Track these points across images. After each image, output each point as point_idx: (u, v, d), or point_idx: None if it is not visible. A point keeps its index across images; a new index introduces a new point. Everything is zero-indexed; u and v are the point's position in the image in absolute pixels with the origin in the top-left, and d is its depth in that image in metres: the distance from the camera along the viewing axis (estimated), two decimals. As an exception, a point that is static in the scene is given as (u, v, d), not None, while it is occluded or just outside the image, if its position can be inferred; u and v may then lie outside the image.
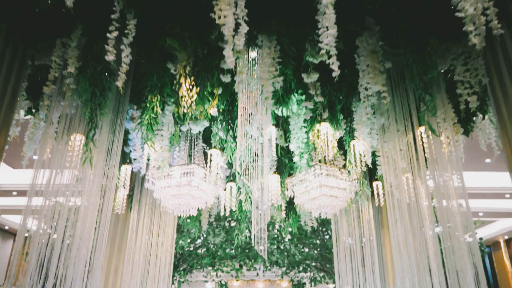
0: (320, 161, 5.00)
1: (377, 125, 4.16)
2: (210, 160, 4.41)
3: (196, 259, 12.52)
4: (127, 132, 5.24)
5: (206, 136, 5.32)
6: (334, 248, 6.40)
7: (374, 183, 5.99)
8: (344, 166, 5.13)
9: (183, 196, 4.97)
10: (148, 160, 4.87)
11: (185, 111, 3.77)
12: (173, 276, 12.50)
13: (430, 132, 3.60)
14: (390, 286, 6.42)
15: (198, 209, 7.02)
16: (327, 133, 4.05)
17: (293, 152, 4.66)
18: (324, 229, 10.98)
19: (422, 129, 4.29)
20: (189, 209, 5.21)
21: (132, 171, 6.63)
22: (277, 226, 11.67)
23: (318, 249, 11.70)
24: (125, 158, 5.52)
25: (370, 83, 3.49)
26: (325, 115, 4.07)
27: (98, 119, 3.65)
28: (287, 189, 5.33)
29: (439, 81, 3.71)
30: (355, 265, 6.31)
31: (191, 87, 3.57)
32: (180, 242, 11.04)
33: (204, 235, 11.10)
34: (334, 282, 12.58)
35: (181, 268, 12.66)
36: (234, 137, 4.56)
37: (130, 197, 6.66)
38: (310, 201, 5.11)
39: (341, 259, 6.33)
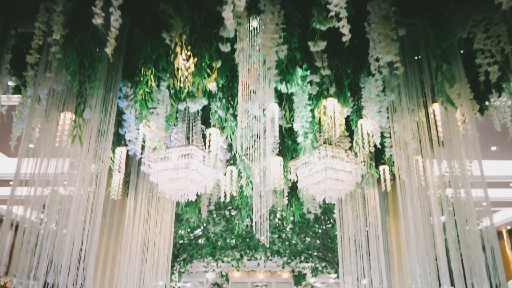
0: (325, 141, 4.74)
1: (387, 101, 3.89)
2: (209, 140, 4.15)
3: (196, 249, 12.32)
4: (121, 113, 4.98)
5: (205, 116, 5.06)
6: (338, 235, 6.17)
7: (381, 167, 5.72)
8: (350, 148, 4.87)
9: (181, 179, 4.72)
10: (144, 142, 4.61)
11: (181, 85, 3.50)
12: (173, 266, 12.31)
13: (445, 108, 3.32)
14: (396, 273, 6.19)
15: (197, 195, 6.78)
16: (334, 110, 3.78)
17: (297, 132, 4.40)
18: (326, 218, 10.76)
19: (436, 106, 4.03)
20: (187, 194, 4.96)
21: (128, 155, 6.38)
22: (278, 215, 11.45)
23: (320, 239, 11.49)
24: (120, 140, 5.26)
25: (381, 53, 3.22)
26: (332, 90, 3.80)
27: (88, 93, 3.38)
28: (290, 173, 5.07)
29: (456, 53, 3.43)
30: (359, 252, 6.08)
31: (187, 57, 3.30)
32: (180, 231, 10.84)
33: (204, 224, 10.88)
34: (336, 272, 12.39)
35: (181, 258, 12.47)
36: (235, 116, 4.29)
37: (126, 183, 6.42)
38: (314, 185, 4.86)
39: (345, 247, 6.09)
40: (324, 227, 11.20)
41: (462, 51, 3.77)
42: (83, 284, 3.83)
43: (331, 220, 10.85)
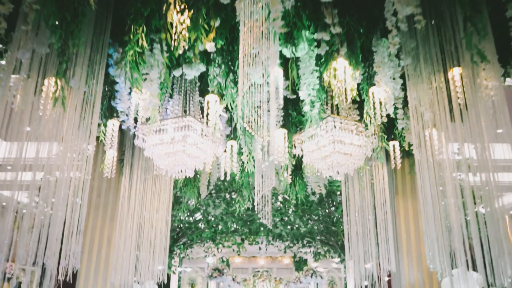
0: (332, 111, 4.40)
1: (405, 64, 3.53)
2: (208, 108, 3.79)
3: (196, 233, 12.05)
4: (113, 83, 4.64)
5: (203, 87, 4.70)
6: (344, 216, 5.84)
7: (390, 143, 5.34)
8: (360, 121, 4.52)
9: (178, 154, 4.38)
10: (137, 114, 4.23)
11: (176, 44, 3.14)
12: (173, 250, 12.06)
13: (474, 62, 2.95)
14: (404, 256, 5.90)
15: (196, 172, 6.45)
16: (345, 72, 3.41)
17: (303, 101, 4.04)
18: (330, 200, 10.44)
19: (456, 71, 3.67)
20: (185, 170, 4.63)
21: (122, 130, 6.04)
22: (280, 198, 11.15)
23: (324, 222, 11.18)
24: (112, 113, 4.91)
25: (400, 5, 2.85)
26: (343, 50, 3.43)
27: (71, 51, 3.02)
28: (294, 147, 4.72)
29: (483, 7, 3.06)
30: (366, 233, 5.76)
31: (182, 10, 2.93)
32: (179, 215, 10.56)
33: (204, 207, 10.58)
34: (339, 256, 12.13)
35: (181, 242, 12.22)
36: (235, 82, 3.93)
37: (121, 161, 6.10)
38: (321, 160, 4.53)
39: (352, 227, 5.77)
40: (327, 211, 10.89)
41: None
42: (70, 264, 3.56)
43: (335, 203, 10.55)
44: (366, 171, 5.51)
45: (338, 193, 10.42)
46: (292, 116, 4.89)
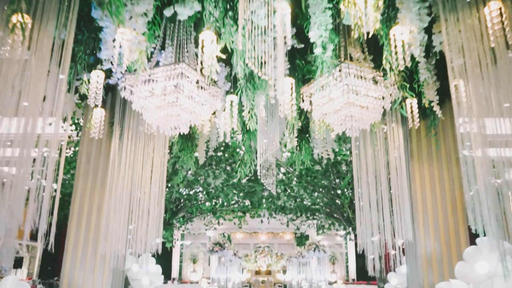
0: (345, 57, 3.86)
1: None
2: (203, 46, 3.23)
3: (196, 206, 11.65)
4: (98, 29, 4.10)
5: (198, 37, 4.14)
6: (355, 179, 5.35)
7: (407, 101, 4.79)
8: (379, 68, 3.97)
9: (171, 107, 3.85)
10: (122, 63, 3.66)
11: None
12: (172, 223, 11.68)
13: None
14: (420, 226, 5.43)
15: (194, 135, 5.95)
16: (366, 1, 2.85)
17: (313, 44, 3.49)
18: (335, 170, 9.95)
19: (493, 5, 3.13)
20: (179, 126, 4.10)
21: (112, 90, 5.52)
22: (283, 170, 10.69)
23: (329, 194, 10.72)
24: (97, 65, 4.37)
25: None
26: (364, -26, 2.86)
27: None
28: (302, 101, 4.18)
29: None
30: (379, 201, 5.27)
31: None
32: (178, 186, 10.14)
33: (204, 178, 10.13)
34: (345, 229, 11.73)
35: (180, 215, 11.83)
36: (235, 20, 3.36)
37: (112, 124, 5.59)
38: (333, 114, 4.00)
39: (364, 193, 5.28)
40: (333, 181, 10.42)
41: None
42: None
43: (340, 174, 10.06)
44: (380, 131, 4.98)
45: (344, 164, 9.93)
46: (300, 66, 4.33)
